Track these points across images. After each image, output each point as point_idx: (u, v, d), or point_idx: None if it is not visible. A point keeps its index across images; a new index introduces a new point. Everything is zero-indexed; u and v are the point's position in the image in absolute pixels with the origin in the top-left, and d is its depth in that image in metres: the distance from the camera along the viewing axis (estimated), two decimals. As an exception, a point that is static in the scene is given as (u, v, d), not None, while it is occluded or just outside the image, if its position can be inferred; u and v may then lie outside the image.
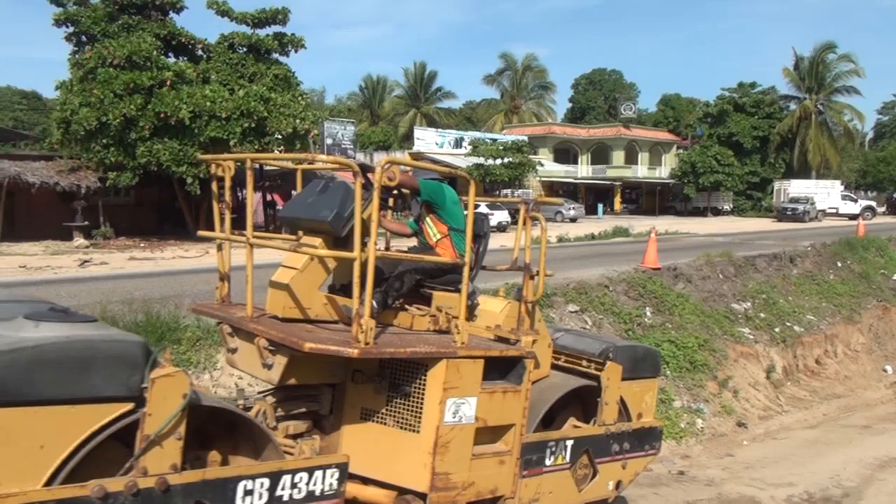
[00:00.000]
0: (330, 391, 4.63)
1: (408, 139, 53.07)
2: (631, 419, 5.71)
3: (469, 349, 4.46)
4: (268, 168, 31.03)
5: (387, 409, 4.45)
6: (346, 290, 4.57)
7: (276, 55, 26.89)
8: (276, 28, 26.68)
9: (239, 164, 4.86)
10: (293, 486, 3.72)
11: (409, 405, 4.38)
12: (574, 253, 18.30)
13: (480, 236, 5.17)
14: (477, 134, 48.79)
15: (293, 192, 34.47)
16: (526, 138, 47.53)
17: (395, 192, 5.11)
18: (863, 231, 23.33)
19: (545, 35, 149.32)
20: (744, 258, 15.75)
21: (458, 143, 46.65)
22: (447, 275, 4.97)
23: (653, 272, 13.38)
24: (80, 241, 22.02)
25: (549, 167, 50.42)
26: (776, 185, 53.55)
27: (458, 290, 4.74)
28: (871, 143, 75.11)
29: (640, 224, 32.28)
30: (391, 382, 4.44)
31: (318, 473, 3.82)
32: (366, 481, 4.43)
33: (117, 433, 3.23)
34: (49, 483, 3.07)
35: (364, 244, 4.05)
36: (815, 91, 57.23)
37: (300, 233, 4.67)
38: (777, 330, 13.19)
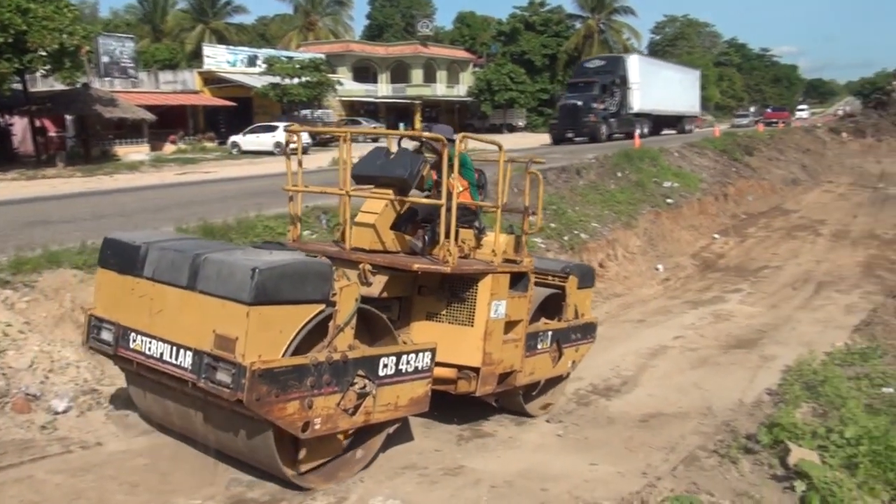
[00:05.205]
0: (398, 302, 6.17)
1: (196, 57, 49.42)
2: (579, 318, 7.68)
3: (503, 267, 6.27)
4: (34, 90, 27.79)
5: (446, 311, 6.14)
6: (396, 229, 6.18)
7: (32, -41, 23.71)
8: (31, -72, 23.44)
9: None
10: (407, 363, 5.42)
11: (463, 307, 6.10)
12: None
13: (482, 186, 6.88)
14: (272, 51, 46.65)
15: (67, 118, 31.34)
16: (323, 56, 46.04)
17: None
18: (638, 143, 25.45)
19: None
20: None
21: (251, 62, 44.36)
22: (464, 217, 6.40)
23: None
24: None
25: (348, 86, 49.61)
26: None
27: (472, 227, 6.52)
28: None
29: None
30: (450, 292, 6.11)
31: (421, 354, 5.52)
32: None
33: None
34: (283, 355, 4.64)
35: (438, 195, 5.81)
36: (597, 10, 60.48)
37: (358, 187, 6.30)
38: (566, 238, 14.09)
